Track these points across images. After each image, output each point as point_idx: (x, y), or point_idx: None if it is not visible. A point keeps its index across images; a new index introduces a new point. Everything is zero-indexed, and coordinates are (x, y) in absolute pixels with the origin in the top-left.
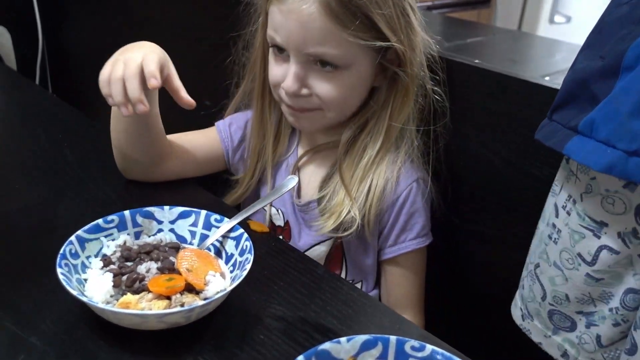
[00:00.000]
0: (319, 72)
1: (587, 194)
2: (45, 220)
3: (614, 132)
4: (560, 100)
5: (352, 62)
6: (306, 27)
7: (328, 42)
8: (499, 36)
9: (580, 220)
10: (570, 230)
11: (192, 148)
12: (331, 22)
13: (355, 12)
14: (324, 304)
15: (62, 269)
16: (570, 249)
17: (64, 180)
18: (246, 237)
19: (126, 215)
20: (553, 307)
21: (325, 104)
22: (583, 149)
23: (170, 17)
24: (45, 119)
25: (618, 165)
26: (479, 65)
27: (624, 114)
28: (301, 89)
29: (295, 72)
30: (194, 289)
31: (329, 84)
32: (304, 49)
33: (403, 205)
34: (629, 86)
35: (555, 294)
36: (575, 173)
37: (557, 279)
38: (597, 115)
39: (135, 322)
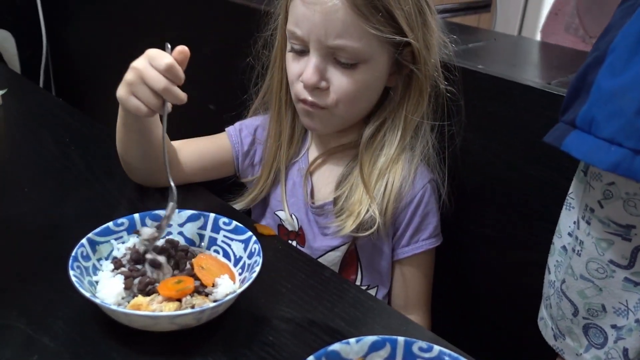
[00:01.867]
0: (337, 65)
1: (607, 200)
2: (54, 222)
3: (620, 131)
4: (566, 100)
5: (371, 57)
6: (329, 19)
7: (350, 34)
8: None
9: (605, 227)
10: (595, 239)
11: (200, 154)
12: (354, 14)
13: (378, 5)
14: (332, 306)
15: (74, 271)
16: (599, 258)
17: (71, 183)
18: (255, 240)
19: (136, 218)
20: (589, 321)
21: (340, 99)
22: (583, 146)
23: (174, 21)
24: (51, 121)
25: (624, 163)
26: (481, 70)
27: (631, 112)
28: (320, 82)
29: (315, 64)
30: (203, 291)
31: (347, 78)
32: (326, 41)
33: (418, 206)
34: (632, 83)
35: (590, 307)
36: (589, 182)
37: (587, 291)
38: (598, 112)
39: (147, 323)
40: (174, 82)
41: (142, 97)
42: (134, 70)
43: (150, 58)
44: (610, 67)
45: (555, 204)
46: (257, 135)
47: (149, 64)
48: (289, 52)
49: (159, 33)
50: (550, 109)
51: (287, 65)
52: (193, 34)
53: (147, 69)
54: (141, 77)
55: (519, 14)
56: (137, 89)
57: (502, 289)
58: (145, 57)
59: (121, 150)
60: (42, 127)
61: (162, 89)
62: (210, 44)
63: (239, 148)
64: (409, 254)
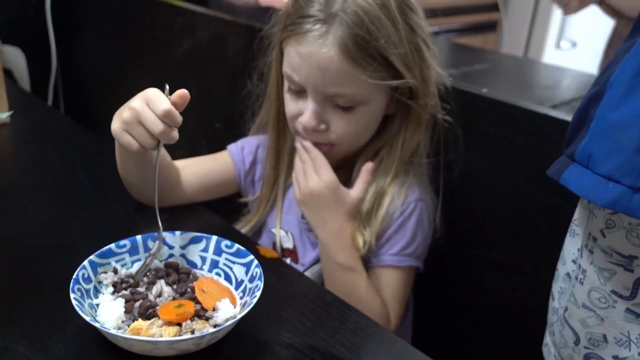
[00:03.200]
0: (335, 109)
1: (610, 229)
2: (58, 241)
3: (618, 168)
4: (570, 133)
5: (368, 99)
6: (325, 70)
7: (346, 83)
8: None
9: (608, 256)
10: (598, 268)
11: (203, 174)
12: (349, 64)
13: (373, 54)
14: (333, 332)
15: (75, 294)
16: (601, 288)
17: (76, 202)
18: (256, 264)
19: (138, 240)
20: (590, 351)
21: (340, 139)
22: (581, 181)
23: (184, 40)
24: (58, 140)
25: (622, 201)
26: (486, 95)
27: (630, 150)
28: (319, 125)
29: (313, 109)
30: (203, 315)
31: (346, 121)
32: (322, 89)
33: (396, 220)
34: (631, 120)
35: (591, 336)
36: (592, 210)
37: (589, 320)
38: (596, 148)
39: (146, 348)
40: (171, 125)
41: (137, 137)
42: (131, 110)
43: (149, 100)
44: (609, 102)
45: (560, 229)
46: (258, 154)
47: (147, 106)
48: (287, 92)
49: (168, 52)
50: (555, 134)
51: (286, 102)
52: (202, 53)
53: (144, 111)
54: (138, 118)
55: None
56: (132, 128)
57: (507, 314)
58: (143, 98)
59: (122, 173)
60: (49, 146)
61: (159, 132)
62: (218, 63)
63: (241, 166)
64: (373, 264)
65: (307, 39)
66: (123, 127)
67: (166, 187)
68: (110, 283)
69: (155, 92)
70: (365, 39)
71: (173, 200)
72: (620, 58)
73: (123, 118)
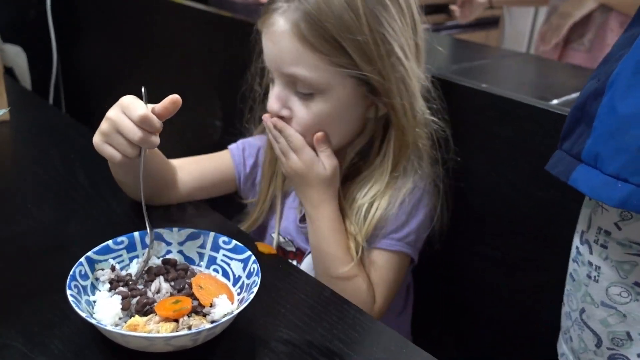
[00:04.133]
0: (297, 95)
1: (626, 222)
2: (57, 240)
3: (625, 166)
4: (566, 128)
5: (327, 88)
6: (279, 47)
7: (300, 63)
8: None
9: (626, 249)
10: (615, 262)
11: (201, 173)
12: (301, 43)
13: (325, 35)
14: (331, 327)
15: (71, 290)
16: (622, 281)
17: (75, 200)
18: (254, 260)
19: (135, 236)
20: (614, 352)
21: (302, 130)
22: (590, 181)
23: (183, 39)
24: (58, 139)
25: (632, 199)
26: (485, 90)
27: (635, 148)
28: (281, 109)
29: (276, 93)
30: (201, 312)
31: (304, 109)
32: (281, 69)
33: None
34: (635, 118)
35: (614, 336)
36: (601, 204)
37: (610, 318)
38: (602, 148)
39: (142, 344)
40: (150, 131)
41: (117, 147)
42: (108, 121)
43: (124, 108)
44: (611, 101)
45: (562, 226)
46: (259, 157)
47: (124, 114)
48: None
49: (168, 52)
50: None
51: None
52: (202, 52)
53: (121, 120)
54: (116, 127)
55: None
56: (111, 138)
57: (507, 311)
58: (119, 107)
59: (115, 177)
60: (48, 144)
61: (138, 140)
62: (218, 62)
63: (241, 168)
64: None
65: (270, 19)
66: (102, 139)
67: (162, 186)
68: (107, 280)
69: (130, 99)
70: (315, 17)
71: (169, 199)
72: (619, 53)
73: (101, 130)
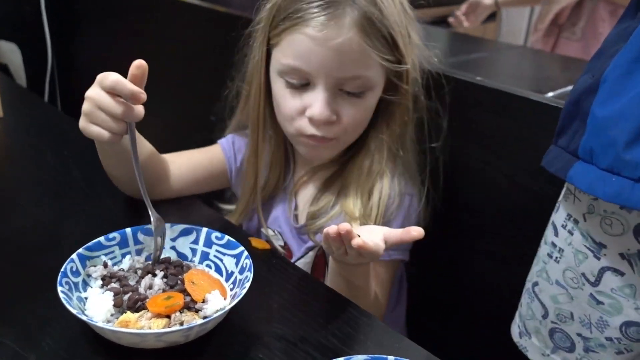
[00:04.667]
0: (344, 96)
1: (590, 214)
2: (51, 236)
3: (615, 162)
4: (560, 123)
5: (377, 84)
6: (343, 52)
7: (363, 65)
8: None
9: (584, 240)
10: (575, 249)
11: (193, 167)
12: (366, 45)
13: (383, 32)
14: (325, 323)
15: (62, 287)
16: (575, 268)
17: (69, 197)
18: (246, 255)
19: (128, 232)
20: (556, 325)
21: (348, 130)
22: (587, 177)
23: (179, 34)
24: (53, 135)
25: (624, 193)
26: (480, 83)
27: (621, 144)
28: (332, 116)
29: (325, 99)
30: (193, 307)
31: (356, 108)
32: (338, 74)
33: (382, 216)
34: (622, 113)
35: (560, 312)
36: (574, 192)
37: (560, 297)
38: (595, 143)
39: (134, 341)
40: (131, 99)
41: (102, 124)
42: (88, 100)
43: (99, 81)
44: (602, 97)
45: None
46: None
47: (101, 89)
48: (286, 88)
49: (164, 48)
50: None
51: (282, 101)
52: (199, 47)
53: (100, 96)
54: (96, 104)
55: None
56: (94, 117)
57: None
58: (95, 84)
59: (106, 168)
60: (43, 141)
61: (121, 113)
62: (213, 57)
63: (232, 162)
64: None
65: (319, 24)
66: (86, 119)
67: (153, 181)
68: (99, 276)
69: (103, 74)
70: (377, 16)
71: (161, 194)
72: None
73: (83, 111)
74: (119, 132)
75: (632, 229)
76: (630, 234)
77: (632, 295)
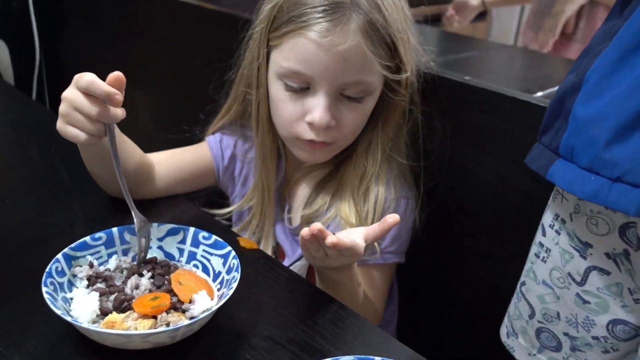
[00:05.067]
0: (344, 103)
1: (576, 214)
2: (36, 235)
3: (594, 160)
4: (545, 121)
5: (376, 89)
6: (348, 58)
7: (366, 71)
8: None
9: (570, 240)
10: (561, 249)
11: (179, 166)
12: (370, 51)
13: (386, 39)
14: (312, 323)
15: (47, 287)
16: (561, 268)
17: (56, 195)
18: (234, 255)
19: (114, 232)
20: (542, 325)
21: (346, 134)
22: (566, 175)
23: (167, 31)
24: (40, 134)
25: (601, 193)
26: (470, 83)
27: (602, 143)
28: (332, 121)
29: (326, 104)
30: (180, 308)
31: (355, 112)
32: (342, 79)
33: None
34: (603, 112)
35: (546, 312)
36: (562, 193)
37: (547, 297)
38: (576, 142)
39: (119, 342)
40: (106, 99)
41: (78, 125)
42: (64, 100)
43: (75, 82)
44: (585, 96)
45: None
46: (237, 149)
47: (76, 90)
48: (285, 91)
49: (153, 44)
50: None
51: (281, 105)
52: (188, 45)
53: (76, 97)
54: (72, 105)
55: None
56: (71, 118)
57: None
58: (72, 84)
59: (88, 168)
60: (29, 138)
61: (96, 114)
62: (201, 54)
63: (219, 160)
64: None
65: (323, 30)
66: (63, 120)
67: (139, 182)
68: (85, 277)
69: (80, 74)
70: (381, 23)
71: (148, 193)
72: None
73: (60, 112)
74: (96, 134)
75: (617, 228)
76: (616, 234)
77: (619, 294)
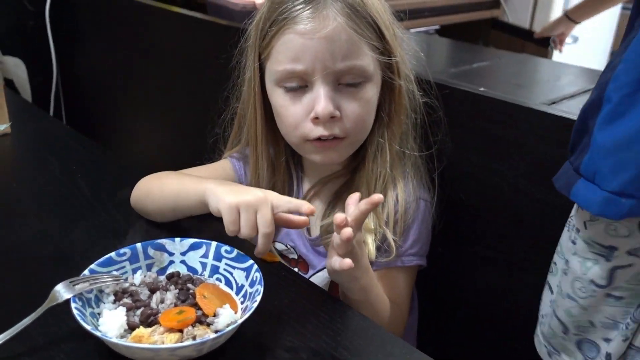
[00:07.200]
0: (344, 91)
1: (592, 222)
2: (59, 250)
3: (629, 183)
4: (572, 140)
5: (372, 74)
6: (334, 40)
7: (354, 53)
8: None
9: (590, 247)
10: (581, 258)
11: None
12: (354, 32)
13: (370, 21)
14: (335, 335)
15: (76, 303)
16: (582, 277)
17: (77, 210)
18: (256, 269)
19: (138, 248)
20: (581, 336)
21: (354, 125)
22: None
23: (182, 48)
24: (59, 149)
25: (635, 210)
26: (483, 94)
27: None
28: (335, 111)
29: (327, 93)
30: (205, 321)
31: (356, 101)
32: (333, 66)
33: (399, 222)
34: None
35: (578, 324)
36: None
37: (573, 310)
38: (602, 164)
39: (147, 355)
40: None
41: (243, 221)
42: (255, 197)
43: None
44: (607, 117)
45: (556, 226)
46: None
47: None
48: (286, 95)
49: (167, 61)
50: (553, 131)
51: (284, 111)
52: (200, 60)
53: (264, 206)
54: (256, 207)
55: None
56: (246, 211)
57: (503, 311)
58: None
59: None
60: (49, 155)
61: (265, 232)
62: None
63: (242, 177)
64: (380, 266)
65: (305, 18)
66: (238, 204)
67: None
68: (111, 292)
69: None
70: (359, 4)
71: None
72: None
73: (245, 198)
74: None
75: (637, 227)
76: (637, 233)
77: None
